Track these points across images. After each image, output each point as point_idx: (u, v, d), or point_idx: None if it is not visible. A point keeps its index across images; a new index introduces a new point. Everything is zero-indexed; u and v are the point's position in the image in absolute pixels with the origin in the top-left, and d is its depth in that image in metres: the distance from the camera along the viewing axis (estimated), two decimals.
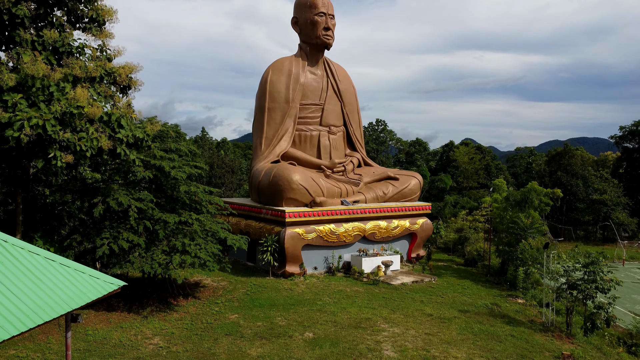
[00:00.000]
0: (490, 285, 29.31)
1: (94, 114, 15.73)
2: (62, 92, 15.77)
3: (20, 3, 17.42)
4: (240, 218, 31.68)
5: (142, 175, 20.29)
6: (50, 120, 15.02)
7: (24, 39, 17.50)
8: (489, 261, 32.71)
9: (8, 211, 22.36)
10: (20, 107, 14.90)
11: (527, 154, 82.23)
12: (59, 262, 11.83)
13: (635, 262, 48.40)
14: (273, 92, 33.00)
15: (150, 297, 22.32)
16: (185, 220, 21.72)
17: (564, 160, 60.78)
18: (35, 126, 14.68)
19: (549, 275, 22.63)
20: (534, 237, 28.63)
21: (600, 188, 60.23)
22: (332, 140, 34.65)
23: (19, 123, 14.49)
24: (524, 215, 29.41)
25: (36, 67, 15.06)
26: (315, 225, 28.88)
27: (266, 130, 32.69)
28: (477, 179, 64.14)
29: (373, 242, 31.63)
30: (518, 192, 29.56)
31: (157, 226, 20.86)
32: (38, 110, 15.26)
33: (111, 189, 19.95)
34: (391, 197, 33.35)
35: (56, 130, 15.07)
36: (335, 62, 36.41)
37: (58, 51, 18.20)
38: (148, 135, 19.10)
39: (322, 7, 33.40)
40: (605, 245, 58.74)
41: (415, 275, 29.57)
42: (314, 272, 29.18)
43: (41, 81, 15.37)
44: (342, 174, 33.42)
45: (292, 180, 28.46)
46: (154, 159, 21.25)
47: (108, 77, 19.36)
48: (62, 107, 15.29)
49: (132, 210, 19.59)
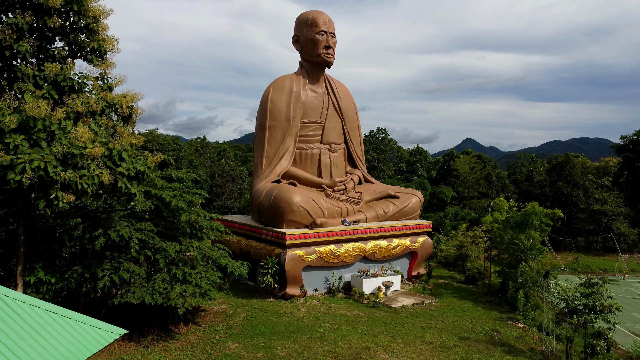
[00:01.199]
0: (490, 306, 29.33)
1: (95, 154, 15.78)
2: (64, 131, 15.82)
3: (21, 39, 17.49)
4: (241, 237, 31.72)
5: (143, 207, 20.33)
6: (52, 161, 15.08)
7: (26, 74, 17.60)
8: (489, 280, 32.73)
9: (9, 231, 22.45)
10: (22, 149, 14.96)
11: (528, 161, 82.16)
12: (60, 315, 11.90)
13: (636, 275, 48.41)
14: (274, 111, 33.06)
15: (151, 323, 22.38)
16: (187, 248, 21.79)
17: (565, 171, 60.76)
18: (37, 168, 14.74)
19: (549, 305, 22.64)
20: (534, 259, 28.63)
21: (601, 198, 60.24)
22: (332, 158, 34.70)
23: (21, 166, 14.55)
24: (524, 236, 29.43)
25: (38, 109, 15.11)
26: (316, 246, 28.93)
27: (267, 149, 32.74)
28: (477, 188, 64.14)
29: (373, 262, 31.67)
30: (518, 214, 29.58)
31: (158, 255, 20.93)
32: (39, 151, 15.31)
33: (112, 219, 20.01)
34: (392, 215, 33.38)
35: (58, 171, 15.13)
36: (335, 79, 36.48)
37: (59, 85, 18.25)
38: (149, 168, 19.13)
39: (323, 26, 33.44)
40: (606, 255, 58.76)
41: (416, 296, 29.61)
42: (315, 293, 29.22)
43: (42, 122, 15.42)
44: (343, 192, 33.47)
45: (293, 202, 28.50)
46: (155, 188, 21.31)
47: (109, 108, 19.43)
48: (63, 147, 15.34)
49: (134, 242, 19.64)
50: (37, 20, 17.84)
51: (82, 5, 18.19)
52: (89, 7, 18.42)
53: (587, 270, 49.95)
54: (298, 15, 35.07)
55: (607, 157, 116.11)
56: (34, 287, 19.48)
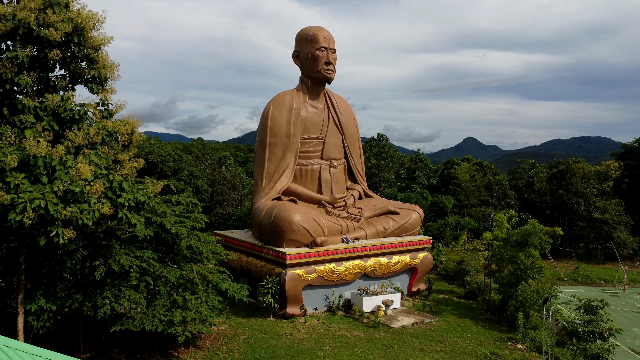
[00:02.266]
0: (490, 325, 29.37)
1: (96, 191, 15.84)
2: (65, 166, 15.89)
3: (22, 72, 17.55)
4: (242, 254, 31.81)
5: (144, 234, 20.39)
6: (52, 199, 15.14)
7: (27, 106, 17.65)
8: (489, 296, 32.78)
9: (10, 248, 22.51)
10: (23, 187, 15.03)
11: (529, 166, 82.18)
12: None
13: (636, 286, 48.41)
14: (274, 127, 33.10)
15: (152, 348, 22.46)
16: (187, 273, 21.84)
17: (566, 179, 60.77)
18: (38, 207, 14.80)
19: (548, 331, 22.70)
20: (534, 278, 28.68)
21: (602, 206, 60.25)
22: (333, 174, 34.76)
23: (22, 206, 14.62)
24: (524, 254, 29.47)
25: (39, 147, 15.17)
26: (316, 265, 29.00)
27: (267, 165, 32.80)
28: (478, 195, 64.18)
29: (373, 279, 31.75)
30: (518, 233, 29.60)
31: (159, 282, 21.01)
32: (41, 188, 15.37)
33: (112, 247, 20.07)
34: (392, 232, 33.45)
35: (58, 209, 15.19)
36: (336, 94, 36.52)
37: (60, 116, 18.29)
38: (150, 198, 19.19)
39: (323, 42, 33.46)
40: (607, 263, 58.78)
41: (416, 315, 29.66)
42: (315, 312, 29.30)
43: (43, 159, 15.49)
44: (343, 208, 33.51)
45: (293, 222, 28.56)
46: (155, 214, 21.36)
47: (110, 137, 19.47)
48: (64, 184, 15.40)
49: (134, 271, 19.71)
50: (37, 53, 17.88)
51: (82, 36, 18.23)
52: (89, 38, 18.47)
53: (587, 280, 50.01)
54: (298, 31, 35.10)
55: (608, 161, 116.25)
56: (35, 314, 19.57)
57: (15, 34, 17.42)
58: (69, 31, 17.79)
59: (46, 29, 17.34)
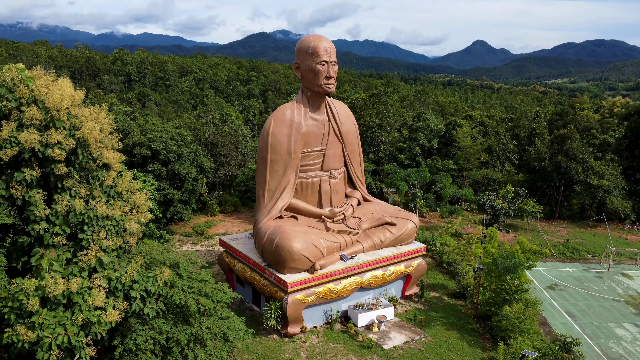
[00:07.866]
0: (475, 337, 32.04)
1: (112, 319, 17.40)
2: (82, 298, 17.33)
3: (31, 188, 18.33)
4: (246, 267, 33.87)
5: (155, 310, 22.14)
6: (73, 330, 16.76)
7: (38, 217, 18.66)
8: (477, 304, 35.23)
9: None
10: (46, 324, 16.58)
11: (533, 115, 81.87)
12: None
13: (620, 263, 50.82)
14: (275, 145, 33.57)
15: None
16: (196, 331, 23.93)
17: (566, 144, 61.17)
18: (62, 343, 16.46)
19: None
20: (518, 301, 30.84)
21: (599, 171, 61.20)
22: (332, 185, 35.77)
23: (47, 344, 16.27)
24: (511, 277, 31.41)
25: (56, 286, 16.50)
26: (315, 287, 31.11)
27: (269, 182, 33.75)
28: (478, 156, 64.97)
29: (369, 289, 34.05)
30: (506, 259, 31.20)
31: (172, 342, 23.16)
32: (61, 318, 16.91)
33: (128, 327, 21.96)
34: (389, 243, 35.15)
35: (79, 339, 16.86)
36: (336, 101, 36.43)
37: (69, 222, 19.32)
38: (159, 286, 20.74)
39: (324, 55, 32.88)
40: (598, 227, 60.97)
41: (407, 330, 32.20)
42: (314, 328, 31.91)
43: (62, 294, 16.88)
44: (342, 221, 34.92)
45: (294, 252, 30.18)
46: (165, 285, 22.94)
47: (117, 226, 20.62)
48: (83, 317, 16.93)
49: (149, 345, 21.76)
50: (44, 169, 18.50)
51: (86, 149, 18.74)
52: (94, 149, 18.97)
53: (576, 255, 52.46)
54: (299, 42, 34.26)
55: (615, 98, 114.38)
56: None
57: (21, 159, 18.00)
58: (72, 147, 18.30)
59: (50, 150, 17.86)
